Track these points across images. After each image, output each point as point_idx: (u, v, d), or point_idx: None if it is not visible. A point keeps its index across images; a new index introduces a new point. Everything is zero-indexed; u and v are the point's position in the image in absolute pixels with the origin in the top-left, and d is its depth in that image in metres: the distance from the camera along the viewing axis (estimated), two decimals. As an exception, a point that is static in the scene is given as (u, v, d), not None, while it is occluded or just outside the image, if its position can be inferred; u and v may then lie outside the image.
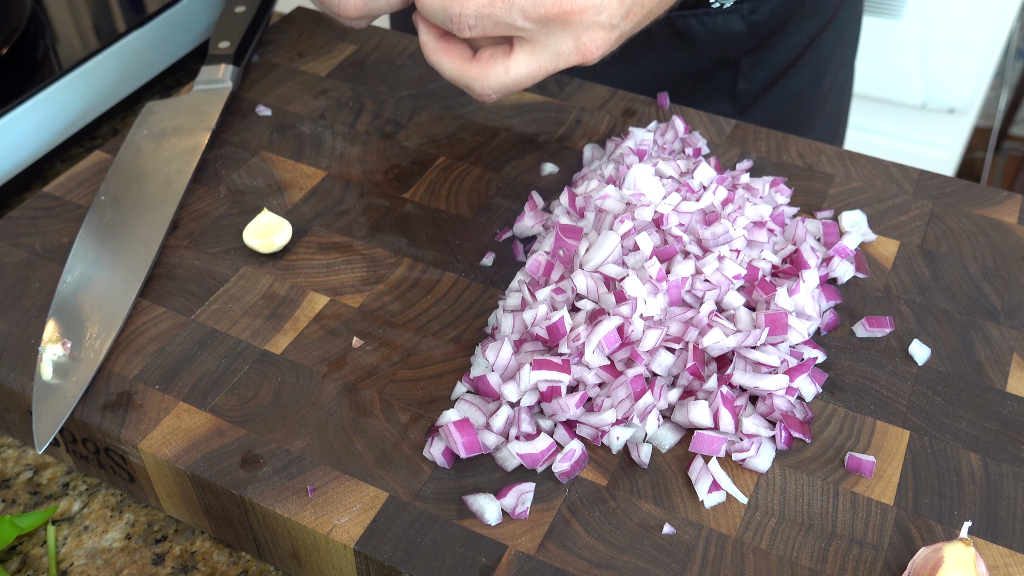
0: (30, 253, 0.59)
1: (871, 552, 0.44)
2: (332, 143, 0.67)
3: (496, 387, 0.49)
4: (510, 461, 0.47)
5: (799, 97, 0.86)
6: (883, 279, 0.57)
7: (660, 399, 0.48)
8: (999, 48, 1.66)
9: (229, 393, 0.50)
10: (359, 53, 0.75)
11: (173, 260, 0.58)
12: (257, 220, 0.59)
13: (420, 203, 0.62)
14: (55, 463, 0.55)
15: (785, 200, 0.60)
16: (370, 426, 0.49)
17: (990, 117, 2.07)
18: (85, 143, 0.78)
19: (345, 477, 0.47)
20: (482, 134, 0.68)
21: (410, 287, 0.56)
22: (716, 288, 0.52)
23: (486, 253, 0.58)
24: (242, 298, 0.56)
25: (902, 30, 1.68)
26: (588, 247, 0.53)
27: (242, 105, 0.70)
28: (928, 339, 0.54)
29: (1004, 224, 0.61)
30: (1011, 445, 0.48)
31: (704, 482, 0.46)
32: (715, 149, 0.66)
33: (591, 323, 0.49)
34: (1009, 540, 0.45)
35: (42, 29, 0.76)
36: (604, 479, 0.47)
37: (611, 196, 0.55)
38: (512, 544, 0.44)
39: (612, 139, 0.65)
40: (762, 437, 0.48)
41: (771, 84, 0.83)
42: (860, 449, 0.48)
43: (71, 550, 0.50)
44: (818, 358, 0.52)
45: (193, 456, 0.47)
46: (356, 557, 0.44)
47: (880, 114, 1.82)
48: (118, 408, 0.50)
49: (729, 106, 0.83)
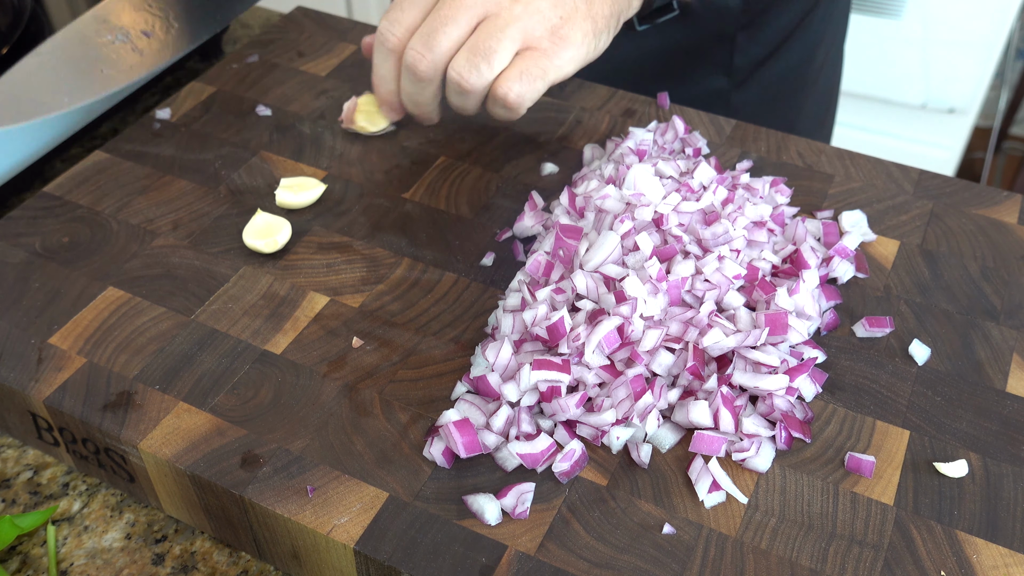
0: (30, 253, 0.59)
1: (871, 552, 0.44)
2: (332, 143, 0.67)
3: (496, 387, 0.49)
4: (510, 461, 0.47)
5: (793, 72, 0.89)
6: (883, 279, 0.57)
7: (660, 399, 0.48)
8: (999, 48, 1.66)
9: (229, 393, 0.50)
10: (359, 53, 0.75)
11: (173, 260, 0.58)
12: (255, 220, 0.59)
13: (420, 203, 0.62)
14: (55, 463, 0.55)
15: (785, 200, 0.60)
16: (370, 426, 0.49)
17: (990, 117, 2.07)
18: (85, 143, 0.78)
19: (345, 477, 0.47)
20: (482, 134, 0.68)
21: (410, 287, 0.56)
22: (716, 288, 0.52)
23: (486, 253, 0.58)
24: (242, 298, 0.56)
25: (902, 30, 1.68)
26: (588, 247, 0.53)
27: (242, 105, 0.70)
28: (928, 339, 0.54)
29: (1004, 224, 0.61)
30: (1011, 445, 0.48)
31: (704, 482, 0.46)
32: (715, 149, 0.66)
33: (591, 323, 0.49)
34: (1009, 540, 0.45)
35: (42, 29, 0.75)
36: (604, 479, 0.47)
37: (611, 196, 0.55)
38: (512, 544, 0.44)
39: (612, 139, 0.65)
40: (762, 437, 0.48)
41: (766, 59, 0.86)
42: (860, 449, 0.48)
43: (71, 550, 0.50)
44: (818, 358, 0.52)
45: (193, 456, 0.47)
46: (356, 557, 0.44)
47: (880, 114, 1.82)
48: (118, 408, 0.50)
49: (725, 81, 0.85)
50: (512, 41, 0.56)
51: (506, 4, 0.57)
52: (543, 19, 0.57)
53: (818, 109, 0.96)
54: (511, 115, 0.59)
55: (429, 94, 0.60)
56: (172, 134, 0.68)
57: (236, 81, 0.72)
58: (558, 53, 0.57)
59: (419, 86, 0.59)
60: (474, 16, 0.57)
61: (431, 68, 0.57)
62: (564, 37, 0.57)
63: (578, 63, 0.59)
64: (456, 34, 0.57)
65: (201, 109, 0.70)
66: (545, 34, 0.57)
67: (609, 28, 0.60)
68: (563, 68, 0.58)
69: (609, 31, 0.61)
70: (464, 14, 0.56)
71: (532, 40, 0.57)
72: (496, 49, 0.56)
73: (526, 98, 0.58)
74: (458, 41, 0.57)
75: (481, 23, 0.57)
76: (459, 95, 0.58)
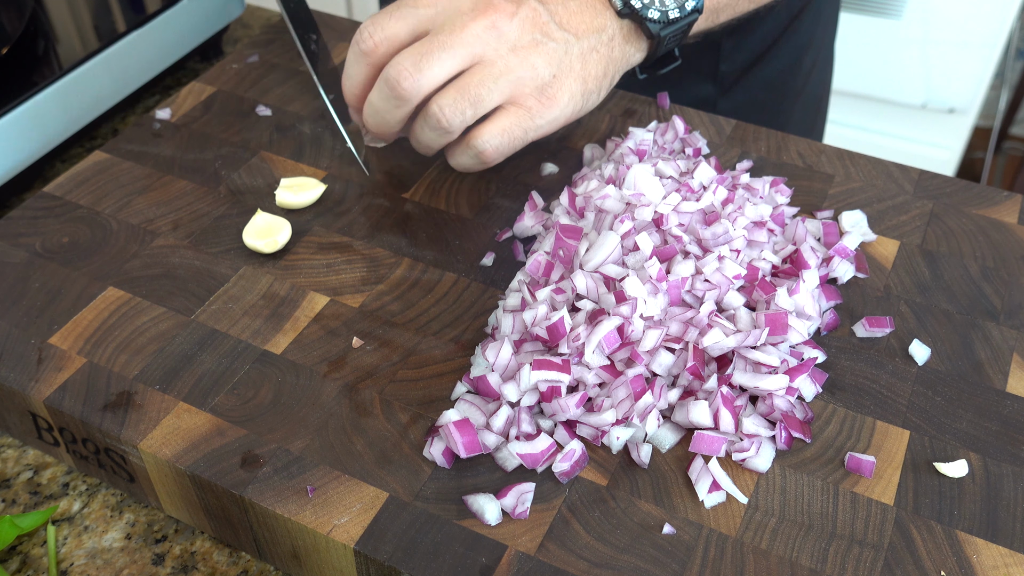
0: (30, 253, 0.59)
1: (871, 552, 0.44)
2: (332, 143, 0.67)
3: (496, 387, 0.49)
4: (510, 461, 0.47)
5: (780, 79, 0.88)
6: (883, 279, 0.57)
7: (660, 399, 0.48)
8: (999, 48, 1.66)
9: (229, 393, 0.50)
10: (359, 53, 0.75)
11: (173, 260, 0.58)
12: (255, 220, 0.59)
13: (420, 203, 0.62)
14: (55, 463, 0.55)
15: (785, 200, 0.60)
16: (370, 426, 0.49)
17: (990, 117, 2.07)
18: (85, 143, 0.78)
19: (345, 477, 0.47)
20: (482, 134, 0.68)
21: (410, 287, 0.56)
22: (716, 288, 0.52)
23: (486, 253, 0.58)
24: (242, 298, 0.56)
25: (902, 30, 1.69)
26: (588, 247, 0.53)
27: (242, 105, 0.70)
28: (928, 339, 0.54)
29: (1004, 224, 0.61)
30: (1011, 445, 0.48)
31: (704, 482, 0.46)
32: (715, 149, 0.66)
33: (591, 323, 0.49)
34: (1009, 540, 0.45)
35: (42, 29, 0.76)
36: (604, 479, 0.47)
37: (611, 196, 0.55)
38: (512, 544, 0.44)
39: (612, 139, 0.65)
40: (762, 437, 0.48)
41: (752, 65, 0.85)
42: (860, 449, 0.48)
43: (71, 550, 0.50)
44: (818, 358, 0.52)
45: (193, 456, 0.47)
46: (356, 557, 0.44)
47: (880, 114, 1.82)
48: (118, 408, 0.50)
49: (711, 88, 0.85)
50: (501, 94, 0.56)
51: (503, 52, 0.56)
52: (535, 76, 0.56)
53: (807, 114, 0.95)
54: (477, 166, 0.59)
55: (399, 115, 0.58)
56: (172, 134, 0.68)
57: (236, 81, 0.72)
58: (542, 113, 0.57)
59: (392, 103, 0.57)
60: (469, 55, 0.56)
61: (413, 90, 0.56)
62: (551, 97, 0.57)
63: (560, 124, 0.59)
64: (450, 65, 0.55)
65: (201, 109, 0.70)
66: (533, 92, 0.56)
67: (600, 88, 0.59)
68: (543, 128, 0.58)
69: (600, 91, 0.60)
70: (461, 49, 0.55)
71: (519, 96, 0.56)
72: (484, 98, 0.56)
73: (501, 153, 0.57)
74: (449, 74, 0.56)
75: (475, 66, 0.56)
76: (433, 131, 0.57)
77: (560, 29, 0.57)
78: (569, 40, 0.57)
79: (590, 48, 0.58)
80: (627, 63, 0.61)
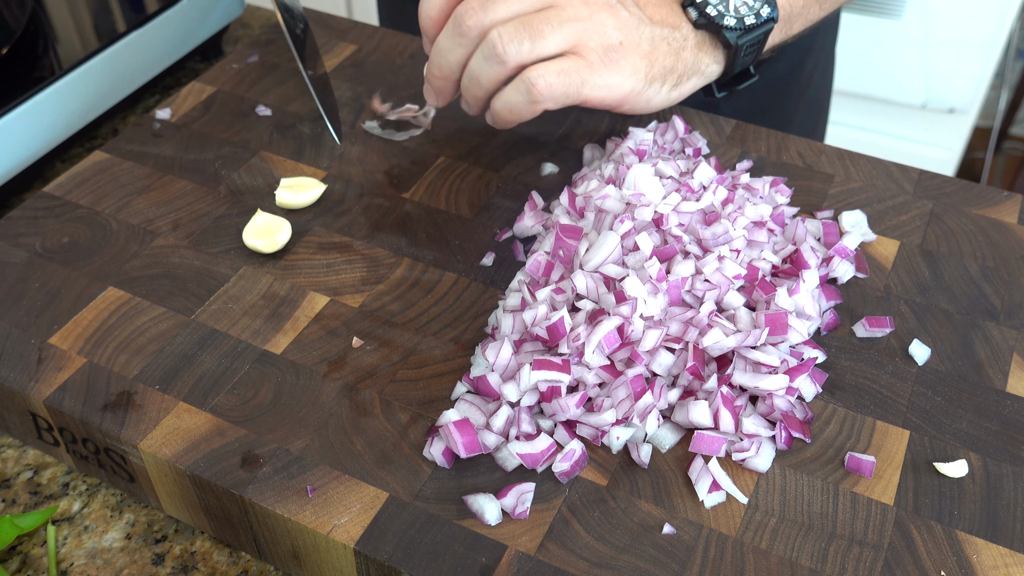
0: (30, 253, 0.59)
1: (871, 552, 0.44)
2: (332, 143, 0.67)
3: (496, 387, 0.49)
4: (510, 461, 0.47)
5: (781, 83, 0.88)
6: (883, 279, 0.57)
7: (660, 399, 0.48)
8: (999, 48, 1.66)
9: (229, 393, 0.50)
10: (359, 53, 0.75)
11: (173, 260, 0.58)
12: (255, 220, 0.59)
13: (420, 203, 0.62)
14: (55, 463, 0.55)
15: (785, 200, 0.60)
16: (370, 426, 0.49)
17: (990, 117, 2.07)
18: (85, 143, 0.78)
19: (345, 477, 0.47)
20: (482, 134, 0.68)
21: (410, 287, 0.56)
22: (716, 288, 0.52)
23: (486, 253, 0.58)
24: (242, 298, 0.56)
25: (902, 30, 1.68)
26: (588, 247, 0.53)
27: (242, 105, 0.70)
28: (928, 339, 0.54)
29: (1004, 224, 0.61)
30: (1011, 445, 0.48)
31: (704, 482, 0.46)
32: (715, 149, 0.66)
33: (591, 323, 0.49)
34: (1009, 540, 0.45)
35: (42, 29, 0.76)
36: (604, 479, 0.47)
37: (611, 196, 0.55)
38: (512, 544, 0.44)
39: (612, 139, 0.65)
40: (762, 437, 0.48)
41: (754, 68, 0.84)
42: (860, 449, 0.48)
43: (71, 550, 0.50)
44: (818, 358, 0.52)
45: (193, 456, 0.47)
46: (356, 557, 0.44)
47: (880, 114, 1.82)
48: (118, 408, 0.50)
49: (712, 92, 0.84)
50: (564, 37, 0.54)
51: (576, 2, 0.55)
52: (602, 33, 0.55)
53: (809, 117, 0.95)
54: (524, 106, 0.55)
55: (458, 57, 0.56)
56: (172, 134, 0.68)
57: (236, 81, 0.73)
58: (602, 72, 0.55)
59: (454, 42, 0.55)
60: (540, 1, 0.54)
61: (477, 25, 0.54)
62: (615, 61, 0.55)
63: (617, 94, 0.56)
64: (516, 7, 0.54)
65: (201, 109, 0.70)
66: (598, 48, 0.55)
67: (665, 81, 0.58)
68: (600, 90, 0.55)
69: (664, 84, 0.58)
70: None
71: (583, 48, 0.55)
72: (546, 34, 0.54)
73: (553, 94, 0.54)
74: (516, 14, 0.54)
75: (544, 8, 0.55)
76: (487, 60, 0.55)
77: (635, 6, 0.57)
78: (642, 19, 0.56)
79: (660, 37, 0.57)
80: (700, 72, 0.60)
